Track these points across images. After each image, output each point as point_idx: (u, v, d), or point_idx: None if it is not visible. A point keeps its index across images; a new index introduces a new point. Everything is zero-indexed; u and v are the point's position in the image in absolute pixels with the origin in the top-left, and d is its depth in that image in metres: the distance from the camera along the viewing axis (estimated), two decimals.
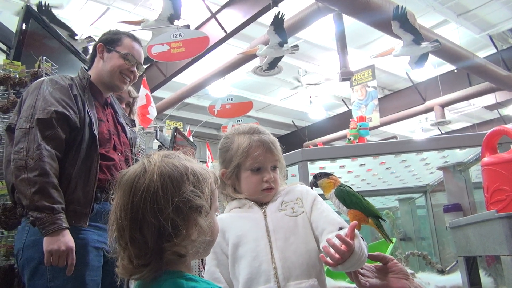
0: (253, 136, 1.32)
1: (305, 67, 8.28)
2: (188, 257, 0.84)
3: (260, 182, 1.30)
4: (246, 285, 1.19)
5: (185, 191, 0.81)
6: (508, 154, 1.41)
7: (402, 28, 4.96)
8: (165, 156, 0.86)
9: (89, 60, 1.93)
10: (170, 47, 3.77)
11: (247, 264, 1.21)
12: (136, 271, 0.80)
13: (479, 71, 6.97)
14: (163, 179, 0.80)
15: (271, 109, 10.33)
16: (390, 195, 3.07)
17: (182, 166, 0.84)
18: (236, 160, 1.31)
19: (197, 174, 0.85)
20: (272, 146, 1.32)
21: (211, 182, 0.88)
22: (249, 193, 1.31)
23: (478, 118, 10.61)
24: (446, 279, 1.85)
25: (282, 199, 1.31)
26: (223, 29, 5.72)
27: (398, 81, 9.16)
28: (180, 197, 0.80)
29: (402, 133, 11.19)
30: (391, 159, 2.15)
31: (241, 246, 1.23)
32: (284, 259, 1.20)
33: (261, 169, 1.30)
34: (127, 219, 0.80)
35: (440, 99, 8.18)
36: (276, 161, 1.33)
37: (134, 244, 0.79)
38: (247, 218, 1.28)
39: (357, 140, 2.50)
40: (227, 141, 1.37)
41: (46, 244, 1.46)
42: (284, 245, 1.22)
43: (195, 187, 0.83)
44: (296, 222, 1.26)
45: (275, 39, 5.15)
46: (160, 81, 6.88)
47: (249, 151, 1.30)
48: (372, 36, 7.20)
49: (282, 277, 1.18)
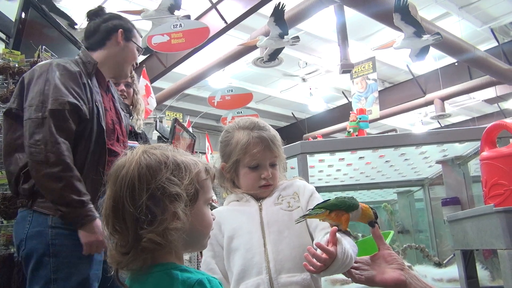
0: (252, 132, 1.32)
1: (306, 59, 8.25)
2: (173, 248, 0.83)
3: (257, 179, 1.30)
4: (239, 276, 1.21)
5: (161, 178, 0.82)
6: (507, 149, 1.41)
7: (403, 20, 4.93)
8: (150, 147, 0.88)
9: (96, 41, 1.77)
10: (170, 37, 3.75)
11: (241, 256, 1.22)
12: (120, 259, 0.82)
13: (480, 65, 6.95)
14: (141, 168, 0.83)
15: (271, 101, 10.31)
16: (388, 188, 3.08)
17: (162, 156, 0.86)
18: (234, 156, 1.32)
19: (178, 163, 0.86)
20: (271, 143, 1.31)
21: (197, 172, 0.87)
22: (247, 189, 1.33)
23: (478, 111, 10.60)
24: (443, 272, 1.86)
25: (279, 194, 1.32)
26: (223, 20, 5.69)
27: (398, 74, 9.13)
28: (156, 184, 0.82)
29: (402, 126, 11.18)
30: (390, 152, 2.16)
31: (235, 239, 1.25)
32: (277, 252, 1.21)
33: (259, 166, 1.30)
34: (110, 208, 0.83)
35: (440, 92, 8.17)
36: (275, 158, 1.33)
37: (118, 233, 0.83)
38: (243, 211, 1.30)
39: (356, 132, 2.50)
40: (227, 135, 1.37)
41: (84, 237, 1.49)
42: (278, 239, 1.23)
43: (174, 175, 0.84)
44: (291, 216, 1.27)
45: (276, 31, 5.13)
46: (160, 72, 6.85)
47: (247, 148, 1.30)
48: (373, 28, 7.16)
49: (274, 270, 1.19)
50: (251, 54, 6.80)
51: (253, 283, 1.18)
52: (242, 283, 1.20)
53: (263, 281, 1.18)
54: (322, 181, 2.75)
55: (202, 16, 5.93)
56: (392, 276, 1.12)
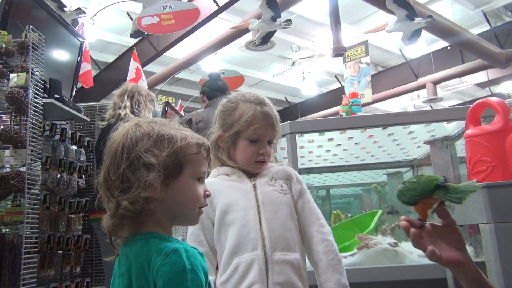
0: (259, 107, 1.32)
1: (298, 43, 8.21)
2: (155, 218, 0.86)
3: (255, 154, 1.31)
4: (233, 250, 1.23)
5: (140, 148, 0.85)
6: (490, 126, 1.44)
7: (395, 3, 4.92)
8: (143, 121, 0.91)
9: None
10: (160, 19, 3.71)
11: (236, 231, 1.24)
12: (109, 226, 0.86)
13: (472, 48, 6.96)
14: (125, 139, 0.87)
15: (263, 85, 10.28)
16: (378, 169, 3.11)
17: (148, 127, 0.89)
18: (237, 127, 1.32)
19: (161, 135, 0.88)
20: (274, 121, 1.33)
21: (183, 145, 0.88)
22: (243, 162, 1.33)
23: (470, 95, 10.65)
24: None
25: (272, 176, 1.34)
26: (215, 3, 5.63)
27: (391, 58, 9.13)
28: (135, 153, 0.85)
29: (394, 110, 11.22)
30: (378, 132, 2.18)
31: (230, 214, 1.26)
32: (272, 229, 1.23)
33: (259, 141, 1.31)
34: (102, 176, 0.88)
35: (432, 76, 8.19)
36: (274, 136, 1.34)
37: (108, 200, 0.88)
38: (236, 187, 1.30)
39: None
40: (231, 105, 1.36)
41: None
42: (273, 217, 1.25)
43: (154, 146, 0.86)
44: (283, 199, 1.30)
45: (268, 13, 5.08)
46: (151, 56, 6.79)
47: (252, 121, 1.30)
48: (366, 12, 7.13)
49: (269, 246, 1.21)
50: (243, 38, 6.75)
51: (248, 258, 1.20)
52: (236, 258, 1.22)
53: (258, 256, 1.20)
54: (312, 162, 2.78)
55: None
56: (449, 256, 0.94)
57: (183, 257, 0.79)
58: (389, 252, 1.82)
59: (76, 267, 2.83)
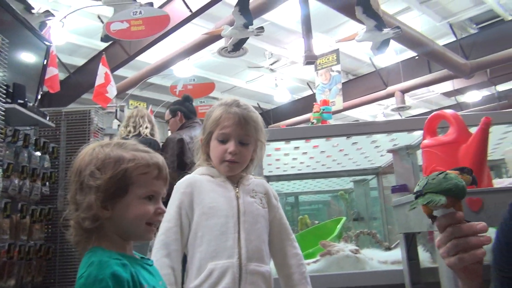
0: (228, 108, 1.36)
1: (271, 50, 8.28)
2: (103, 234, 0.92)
3: (224, 153, 1.33)
4: (210, 255, 1.25)
5: (86, 171, 0.92)
6: (445, 137, 1.50)
7: (365, 13, 5.03)
8: (102, 144, 0.97)
9: None
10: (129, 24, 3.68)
11: (214, 237, 1.26)
12: (73, 241, 0.94)
13: (439, 58, 7.19)
14: (79, 162, 0.95)
15: (236, 91, 10.30)
16: (345, 176, 3.17)
17: (99, 151, 0.94)
18: (208, 128, 1.37)
19: (109, 158, 0.93)
20: (242, 120, 1.34)
21: (129, 168, 0.92)
22: (215, 162, 1.36)
23: (437, 104, 10.98)
24: (388, 255, 1.96)
25: (253, 188, 1.38)
26: (188, 8, 5.63)
27: (361, 66, 9.32)
28: (82, 177, 0.92)
29: (365, 117, 11.44)
30: (343, 141, 2.22)
31: (211, 219, 1.28)
32: (249, 240, 1.27)
33: (228, 140, 1.33)
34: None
35: (401, 85, 8.40)
36: (247, 137, 1.35)
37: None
38: (220, 193, 1.33)
39: (320, 123, 2.56)
40: (210, 110, 1.42)
41: None
42: (251, 228, 1.29)
43: (100, 170, 0.92)
44: (261, 212, 1.34)
45: (240, 20, 5.11)
46: (123, 60, 6.71)
47: (219, 120, 1.34)
48: (338, 21, 7.26)
49: (245, 256, 1.24)
50: (216, 44, 6.76)
51: (223, 265, 1.23)
52: (212, 263, 1.24)
53: (233, 265, 1.23)
54: (280, 169, 2.81)
55: (167, 4, 5.84)
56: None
57: (95, 269, 0.83)
58: (350, 258, 1.86)
59: (38, 277, 2.76)
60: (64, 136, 3.05)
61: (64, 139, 3.05)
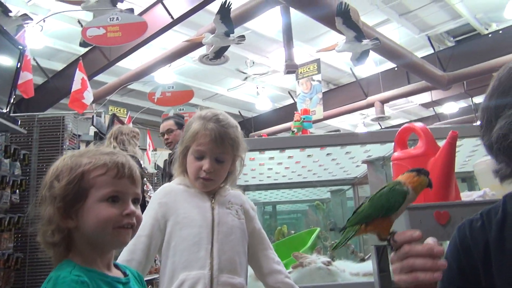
0: (206, 123, 1.33)
1: (253, 58, 8.31)
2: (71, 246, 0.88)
3: (199, 170, 1.32)
4: (182, 265, 1.24)
5: (47, 184, 0.90)
6: (414, 150, 1.51)
7: (345, 24, 5.10)
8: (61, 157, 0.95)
9: None
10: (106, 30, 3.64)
11: (187, 247, 1.25)
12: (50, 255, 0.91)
13: (417, 70, 7.33)
14: (45, 178, 0.92)
15: (218, 99, 10.29)
16: (322, 186, 3.18)
17: (58, 163, 0.93)
18: (185, 142, 1.35)
19: (66, 165, 0.90)
20: (218, 138, 1.31)
21: (83, 171, 0.88)
22: (190, 177, 1.35)
23: (416, 115, 11.17)
24: (360, 266, 1.96)
25: (229, 199, 1.37)
26: (170, 15, 5.61)
27: (342, 76, 9.43)
28: (45, 190, 0.90)
29: (345, 127, 11.55)
30: (317, 152, 2.22)
31: (185, 229, 1.27)
32: (222, 251, 1.26)
33: (204, 157, 1.31)
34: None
35: (380, 95, 8.53)
36: (222, 154, 1.33)
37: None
38: (195, 203, 1.32)
39: (300, 132, 2.55)
40: (190, 121, 1.41)
41: None
42: (225, 240, 1.28)
43: (56, 179, 0.89)
44: (237, 223, 1.34)
45: (222, 28, 5.12)
46: (103, 65, 6.64)
47: (195, 136, 1.32)
48: (319, 31, 7.34)
49: (217, 267, 1.23)
50: (197, 51, 6.75)
51: (195, 275, 1.22)
52: (184, 273, 1.23)
53: (204, 276, 1.22)
54: (255, 179, 2.79)
55: (148, 10, 5.81)
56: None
57: (50, 286, 0.81)
58: (322, 270, 1.85)
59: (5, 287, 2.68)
60: (36, 142, 2.98)
61: (36, 146, 2.98)
